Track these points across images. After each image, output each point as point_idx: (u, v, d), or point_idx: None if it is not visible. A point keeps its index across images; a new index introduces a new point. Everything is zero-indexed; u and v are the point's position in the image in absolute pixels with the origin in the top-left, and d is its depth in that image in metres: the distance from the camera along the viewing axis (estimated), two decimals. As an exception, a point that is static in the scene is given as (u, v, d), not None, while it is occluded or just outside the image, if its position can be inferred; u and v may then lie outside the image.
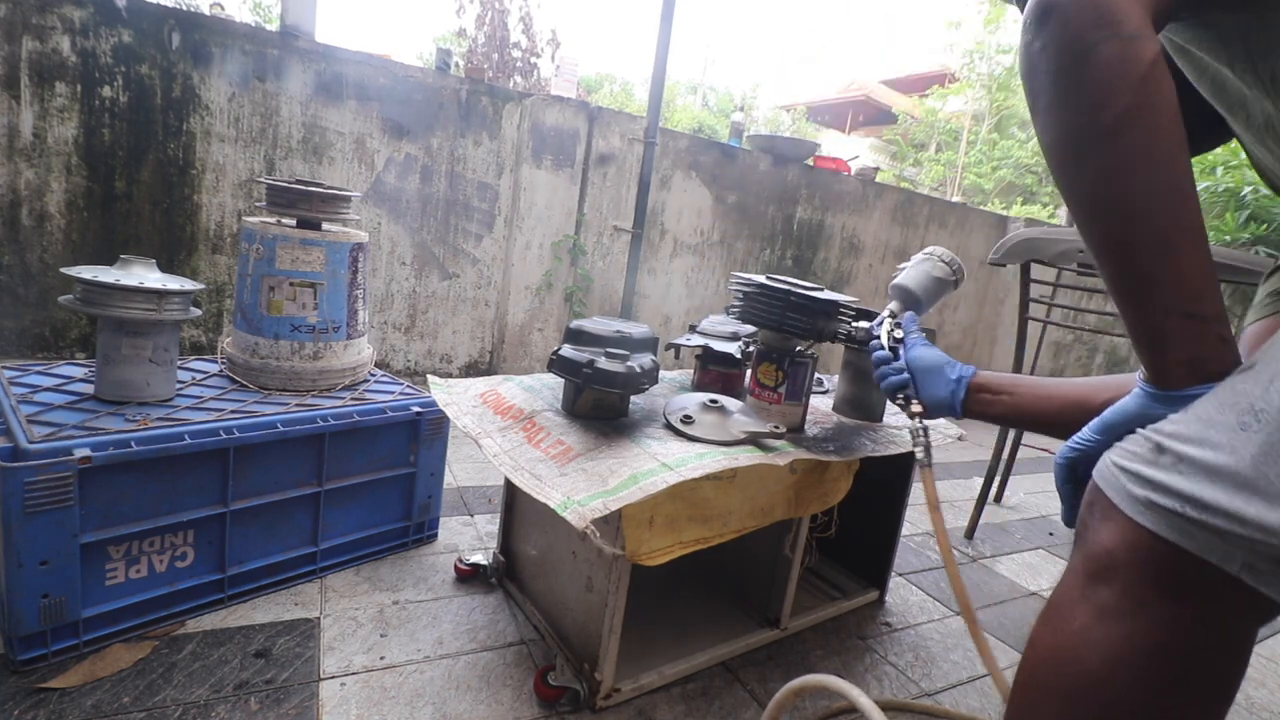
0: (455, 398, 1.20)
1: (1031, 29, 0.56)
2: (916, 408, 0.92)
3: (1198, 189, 0.55)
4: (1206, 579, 0.48)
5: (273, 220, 1.40)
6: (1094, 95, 0.53)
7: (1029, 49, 0.57)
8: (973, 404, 0.87)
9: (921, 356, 0.94)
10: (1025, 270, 1.92)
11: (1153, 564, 0.51)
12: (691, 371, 1.43)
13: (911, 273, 1.08)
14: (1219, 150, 4.92)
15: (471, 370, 2.98)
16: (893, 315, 1.04)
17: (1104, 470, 0.55)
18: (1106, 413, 0.62)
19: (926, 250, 1.11)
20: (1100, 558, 0.53)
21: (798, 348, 1.21)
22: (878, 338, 1.00)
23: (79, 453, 0.95)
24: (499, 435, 1.07)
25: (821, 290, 1.19)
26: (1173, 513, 0.49)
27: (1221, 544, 0.47)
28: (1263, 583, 0.47)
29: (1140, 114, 0.52)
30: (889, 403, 1.02)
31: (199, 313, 1.23)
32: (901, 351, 0.97)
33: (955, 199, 4.87)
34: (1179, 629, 0.50)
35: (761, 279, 1.20)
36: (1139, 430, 0.55)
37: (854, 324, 1.24)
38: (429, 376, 1.27)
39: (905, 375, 0.93)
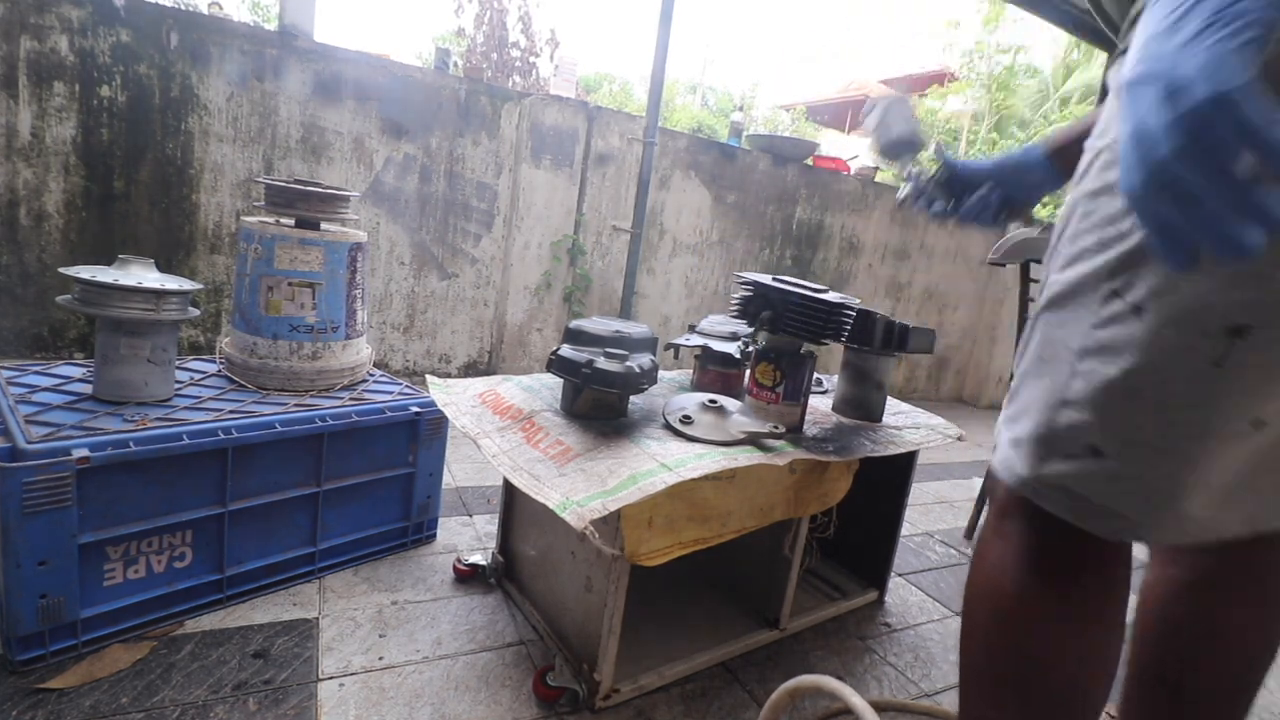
0: (454, 398, 1.20)
1: None
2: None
3: None
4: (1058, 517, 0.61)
5: (271, 220, 1.39)
6: None
7: None
8: (1064, 153, 0.91)
9: (988, 168, 0.96)
10: (1025, 270, 1.92)
11: (1025, 507, 0.64)
12: (691, 371, 1.43)
13: (889, 128, 1.03)
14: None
15: (470, 370, 2.98)
16: (917, 165, 1.01)
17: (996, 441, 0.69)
18: None
19: (875, 110, 1.05)
20: (999, 504, 0.69)
21: (800, 349, 1.21)
22: (923, 194, 1.01)
23: (77, 453, 0.95)
24: (498, 435, 1.07)
25: (826, 291, 1.19)
26: (1024, 480, 0.62)
27: (1056, 497, 0.59)
28: (1090, 525, 0.58)
29: None
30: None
31: (197, 313, 1.23)
32: (967, 173, 0.97)
33: (954, 199, 4.88)
34: (1052, 546, 0.64)
35: (767, 279, 1.20)
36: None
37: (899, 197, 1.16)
38: (428, 376, 1.27)
39: (998, 192, 0.95)
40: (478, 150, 2.77)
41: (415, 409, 1.38)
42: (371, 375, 1.52)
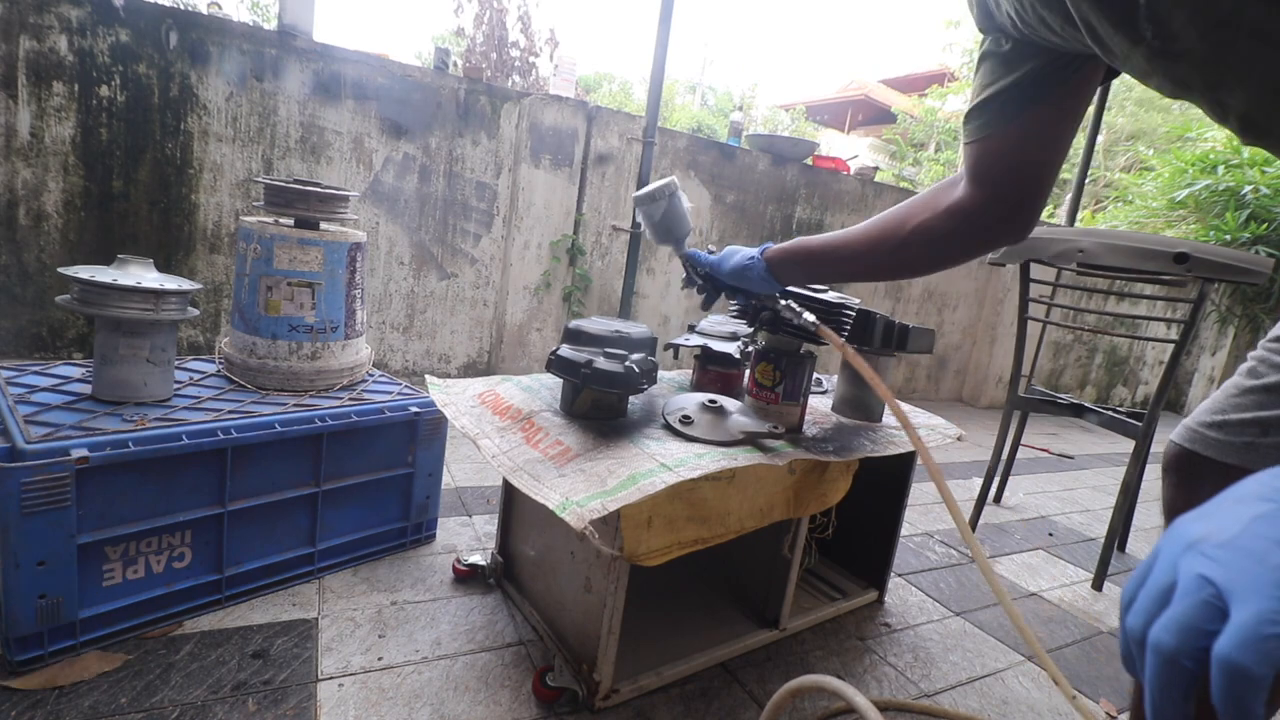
0: (453, 398, 1.20)
1: None
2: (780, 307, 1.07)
3: (1199, 186, 0.55)
4: None
5: (270, 220, 1.39)
6: None
7: None
8: (779, 271, 1.03)
9: (725, 274, 1.09)
10: (1025, 270, 1.92)
11: None
12: (690, 371, 1.43)
13: (653, 226, 1.17)
14: (1221, 148, 4.91)
15: (470, 370, 2.98)
16: (684, 259, 1.18)
17: None
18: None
19: (637, 206, 1.18)
20: None
21: (800, 349, 1.21)
22: (693, 283, 1.16)
23: (76, 453, 0.95)
24: (497, 436, 1.07)
25: (825, 292, 1.19)
26: None
27: None
28: None
29: None
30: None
31: (196, 313, 1.23)
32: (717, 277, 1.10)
33: (954, 198, 4.87)
34: None
35: None
36: None
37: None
38: (427, 376, 1.27)
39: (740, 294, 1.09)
40: (477, 150, 2.77)
41: (414, 409, 1.38)
42: (370, 375, 1.52)
